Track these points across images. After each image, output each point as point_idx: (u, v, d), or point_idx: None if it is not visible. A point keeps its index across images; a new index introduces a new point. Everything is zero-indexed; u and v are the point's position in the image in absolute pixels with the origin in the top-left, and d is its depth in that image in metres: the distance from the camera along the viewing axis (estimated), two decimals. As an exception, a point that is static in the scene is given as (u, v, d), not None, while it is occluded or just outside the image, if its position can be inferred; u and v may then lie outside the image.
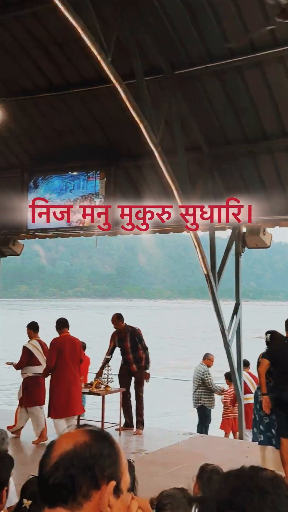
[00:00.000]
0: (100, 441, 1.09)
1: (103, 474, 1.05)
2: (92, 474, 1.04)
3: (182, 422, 11.41)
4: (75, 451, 1.05)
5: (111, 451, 1.09)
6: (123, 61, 6.84)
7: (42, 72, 8.10)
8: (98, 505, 1.04)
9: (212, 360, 8.75)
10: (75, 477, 1.03)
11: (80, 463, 1.04)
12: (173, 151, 7.32)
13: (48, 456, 1.08)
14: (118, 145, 8.62)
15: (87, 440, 1.07)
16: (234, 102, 7.26)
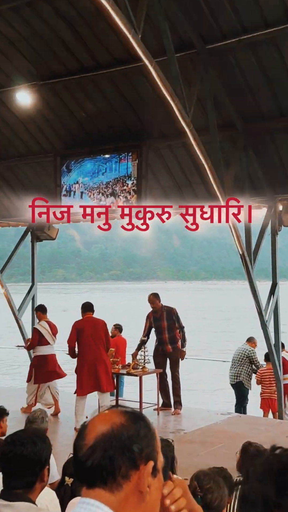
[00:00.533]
0: (137, 421, 1.10)
1: (141, 455, 1.07)
2: (131, 454, 1.06)
3: (219, 402, 11.41)
4: (112, 433, 1.06)
5: (148, 431, 1.10)
6: (153, 38, 6.70)
7: (72, 54, 8.04)
8: (138, 485, 1.06)
9: (255, 344, 8.79)
10: (114, 458, 1.05)
11: (119, 444, 1.06)
12: (206, 129, 7.16)
13: (83, 438, 1.09)
14: (150, 125, 8.51)
15: (124, 421, 1.09)
16: (268, 75, 7.02)
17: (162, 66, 6.21)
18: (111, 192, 8.92)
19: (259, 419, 8.03)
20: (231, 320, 34.07)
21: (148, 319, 8.09)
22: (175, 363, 7.90)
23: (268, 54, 6.80)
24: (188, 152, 8.02)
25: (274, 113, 7.43)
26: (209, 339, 26.01)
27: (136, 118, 8.58)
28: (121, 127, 8.75)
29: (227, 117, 7.68)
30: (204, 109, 7.34)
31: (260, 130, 7.70)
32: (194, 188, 8.86)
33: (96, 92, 8.50)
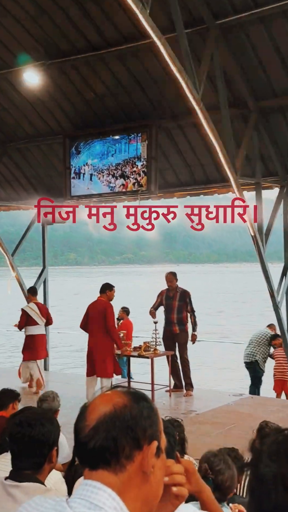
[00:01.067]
0: (139, 401, 1.09)
1: (145, 435, 1.06)
2: (135, 435, 1.04)
3: (231, 383, 11.42)
4: (115, 413, 1.05)
5: (150, 412, 1.09)
6: (162, 13, 6.53)
7: (80, 33, 7.89)
8: (141, 466, 1.04)
9: (275, 331, 8.77)
10: (118, 439, 1.03)
11: (122, 425, 1.04)
12: (216, 107, 7.01)
13: (84, 419, 1.07)
14: (160, 105, 8.37)
15: (126, 401, 1.07)
16: (281, 50, 6.82)
17: (171, 42, 6.07)
18: (121, 174, 8.83)
19: (271, 400, 8.02)
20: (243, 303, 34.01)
21: (160, 296, 8.11)
22: (182, 346, 7.89)
23: (280, 29, 6.60)
24: (198, 131, 7.88)
25: (286, 90, 7.24)
26: (220, 321, 26.01)
27: (146, 98, 8.43)
28: (130, 107, 8.62)
29: (238, 95, 7.52)
30: (214, 86, 7.18)
31: (272, 108, 7.53)
32: (205, 169, 8.74)
33: (105, 71, 8.35)
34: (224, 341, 18.87)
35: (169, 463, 1.14)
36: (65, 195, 9.37)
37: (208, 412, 6.79)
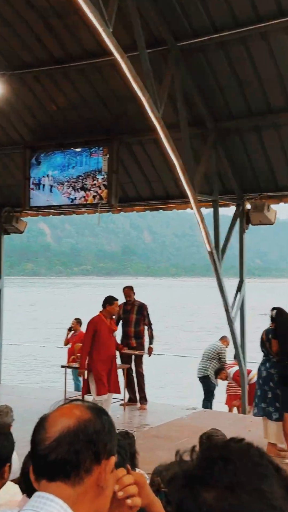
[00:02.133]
0: (102, 416, 1.10)
1: (105, 449, 1.07)
2: (96, 449, 1.06)
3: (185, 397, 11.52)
4: (80, 426, 1.06)
5: (111, 427, 1.11)
6: (125, 32, 6.67)
7: (43, 45, 7.93)
8: (98, 480, 1.06)
9: (228, 343, 8.91)
10: (80, 452, 1.05)
11: (85, 438, 1.05)
12: (176, 126, 7.19)
13: (44, 431, 1.08)
14: (121, 120, 8.49)
15: (90, 415, 1.09)
16: (238, 74, 7.09)
17: (133, 61, 6.20)
18: (82, 186, 8.86)
19: (223, 413, 8.16)
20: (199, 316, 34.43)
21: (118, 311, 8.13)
22: (138, 359, 7.93)
23: (238, 54, 6.87)
24: (158, 148, 8.03)
25: (243, 112, 7.51)
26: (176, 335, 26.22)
27: (107, 112, 8.53)
28: (92, 121, 8.69)
29: (197, 115, 7.73)
30: (174, 106, 7.37)
31: (230, 129, 7.79)
32: (165, 185, 8.90)
33: (67, 84, 8.41)
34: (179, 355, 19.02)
35: (121, 474, 1.16)
36: (24, 206, 9.30)
37: (161, 426, 6.83)
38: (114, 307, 6.83)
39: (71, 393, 8.07)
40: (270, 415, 5.70)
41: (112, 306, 6.82)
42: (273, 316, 5.81)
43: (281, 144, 7.54)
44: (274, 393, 5.69)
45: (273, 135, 7.53)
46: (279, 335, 5.58)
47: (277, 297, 14.11)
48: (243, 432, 6.16)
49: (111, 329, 6.78)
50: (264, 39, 6.58)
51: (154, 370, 16.93)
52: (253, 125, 7.58)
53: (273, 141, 7.57)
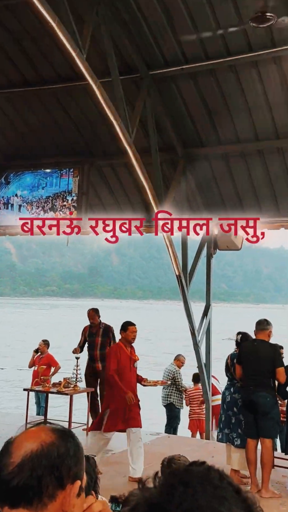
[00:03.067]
0: (67, 440, 1.08)
1: (69, 474, 1.05)
2: (59, 474, 1.03)
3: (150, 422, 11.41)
4: (42, 451, 1.03)
5: (77, 450, 1.08)
6: (98, 59, 6.80)
7: (16, 67, 7.98)
8: (62, 505, 1.03)
9: (183, 362, 8.80)
10: (43, 478, 1.02)
11: (48, 463, 1.02)
12: (147, 151, 7.32)
13: (8, 456, 1.05)
14: (93, 143, 8.57)
15: (54, 439, 1.06)
16: (208, 104, 7.31)
17: (106, 86, 6.32)
18: (51, 207, 8.83)
19: (186, 439, 8.10)
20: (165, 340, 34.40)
21: (84, 333, 8.02)
22: (103, 383, 7.82)
23: (207, 84, 7.10)
24: (129, 171, 8.14)
25: (212, 140, 7.72)
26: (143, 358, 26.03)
27: (79, 135, 8.60)
28: (63, 143, 8.74)
29: (168, 141, 7.89)
30: (146, 131, 7.51)
31: (199, 156, 7.97)
32: (134, 208, 8.98)
33: (39, 106, 8.45)
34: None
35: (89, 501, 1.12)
36: (-9, 225, 9.18)
37: (124, 452, 6.72)
38: (129, 333, 6.14)
39: (33, 418, 7.86)
40: (232, 441, 5.71)
41: (127, 332, 6.14)
42: (238, 341, 5.87)
43: (247, 172, 7.76)
44: (237, 418, 5.70)
45: (240, 163, 7.76)
46: (241, 359, 5.63)
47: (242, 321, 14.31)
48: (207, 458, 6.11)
49: (133, 359, 6.12)
50: (232, 72, 6.84)
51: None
52: (221, 153, 7.80)
53: (241, 169, 7.79)
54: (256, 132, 7.33)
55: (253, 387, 5.45)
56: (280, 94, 6.79)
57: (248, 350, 5.65)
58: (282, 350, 6.36)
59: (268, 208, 7.92)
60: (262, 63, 6.59)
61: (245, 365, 5.59)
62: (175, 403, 8.57)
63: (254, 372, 5.48)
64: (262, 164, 7.60)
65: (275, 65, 6.54)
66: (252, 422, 5.46)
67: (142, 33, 6.75)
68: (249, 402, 5.48)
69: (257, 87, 6.82)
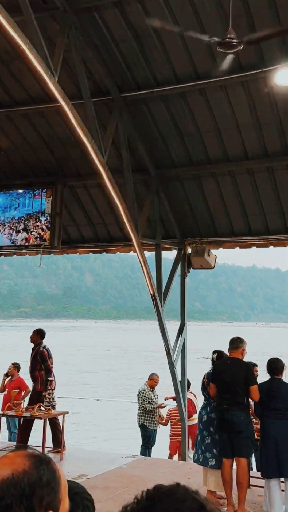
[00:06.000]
0: (41, 467, 1.04)
1: (41, 504, 1.01)
2: (30, 503, 1.00)
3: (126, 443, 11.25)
4: (12, 479, 1.00)
5: (51, 478, 1.04)
6: (70, 81, 6.88)
7: (-12, 88, 7.98)
8: None
9: (156, 381, 8.64)
10: (11, 507, 0.99)
11: (17, 492, 0.99)
12: (120, 171, 7.38)
13: None
14: (65, 163, 8.59)
15: (27, 466, 1.03)
16: (179, 126, 7.45)
17: (78, 108, 6.37)
18: (24, 227, 8.77)
19: (163, 461, 7.99)
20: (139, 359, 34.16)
21: None
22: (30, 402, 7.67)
23: (178, 107, 7.24)
24: (102, 192, 8.18)
25: (184, 161, 7.85)
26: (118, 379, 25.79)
27: (51, 155, 8.62)
28: (36, 163, 8.74)
29: (140, 161, 7.98)
30: (119, 152, 7.58)
31: (171, 176, 8.08)
32: (108, 228, 9.00)
33: (11, 127, 8.45)
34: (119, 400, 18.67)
35: None
36: None
37: (99, 476, 6.60)
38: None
39: (4, 444, 7.65)
40: (206, 462, 5.66)
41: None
42: (214, 359, 5.88)
43: (219, 192, 7.90)
44: (213, 438, 5.67)
45: (212, 183, 7.90)
46: (215, 378, 5.63)
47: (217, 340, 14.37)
48: (183, 480, 6.05)
49: None
50: (202, 95, 7.01)
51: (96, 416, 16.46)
52: (193, 173, 7.92)
53: (212, 189, 7.93)
54: (226, 153, 7.49)
55: (227, 405, 5.44)
56: (248, 116, 6.97)
57: (221, 369, 5.67)
58: (256, 368, 6.40)
59: (239, 227, 8.07)
60: (230, 86, 6.78)
61: (218, 384, 5.59)
62: (145, 424, 8.40)
63: (227, 390, 5.48)
64: (233, 184, 7.76)
65: (243, 88, 6.74)
66: (227, 441, 5.44)
67: (113, 57, 6.87)
68: (223, 421, 5.47)
69: (226, 110, 7.00)
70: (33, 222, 8.71)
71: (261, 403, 5.43)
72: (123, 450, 8.93)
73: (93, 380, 25.08)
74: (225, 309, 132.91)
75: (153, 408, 8.39)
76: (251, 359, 6.02)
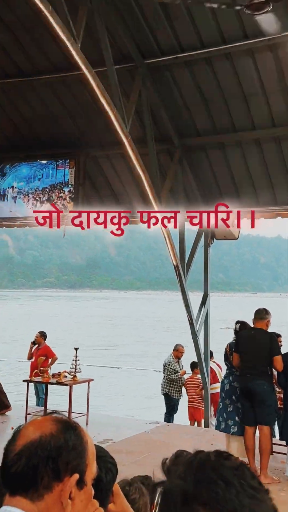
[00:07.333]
0: (67, 432, 1.07)
1: (67, 467, 1.04)
2: (55, 466, 1.03)
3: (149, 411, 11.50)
4: (40, 442, 1.04)
5: (77, 443, 1.07)
6: (93, 48, 6.74)
7: (11, 58, 7.91)
8: (59, 497, 1.03)
9: (181, 352, 8.79)
10: (38, 468, 1.02)
11: (43, 454, 1.03)
12: (143, 141, 7.29)
13: (13, 443, 1.07)
14: (88, 134, 8.52)
15: (54, 430, 1.06)
16: (203, 93, 7.27)
17: (101, 76, 6.27)
18: (47, 198, 8.81)
19: (186, 427, 8.17)
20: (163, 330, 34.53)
21: None
22: None
23: (203, 73, 7.05)
24: (125, 162, 8.10)
25: (208, 130, 7.69)
26: (140, 348, 26.19)
27: (74, 126, 8.56)
28: (59, 134, 8.69)
29: (164, 131, 7.86)
30: (142, 121, 7.47)
31: (195, 146, 7.95)
32: (131, 199, 8.95)
33: (34, 97, 8.39)
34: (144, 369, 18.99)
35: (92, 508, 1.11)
36: (-13, 216, 9.16)
37: (124, 440, 6.79)
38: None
39: (33, 408, 7.91)
40: (228, 429, 5.75)
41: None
42: (237, 330, 5.90)
43: (244, 161, 7.74)
44: (235, 406, 5.75)
45: (237, 152, 7.74)
46: (241, 348, 5.66)
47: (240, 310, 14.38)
48: (206, 446, 6.19)
49: None
50: (228, 60, 6.80)
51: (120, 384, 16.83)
52: (217, 142, 7.77)
53: (237, 159, 7.77)
54: (252, 121, 7.30)
55: (250, 375, 5.49)
56: (275, 82, 6.75)
57: (245, 339, 5.69)
58: (280, 339, 6.40)
59: (265, 197, 7.92)
60: (257, 50, 6.55)
61: (242, 354, 5.63)
62: (170, 393, 8.60)
63: (251, 360, 5.52)
64: (259, 153, 7.59)
65: (271, 52, 6.50)
66: (250, 409, 5.51)
67: (137, 22, 6.69)
68: (246, 390, 5.53)
69: (253, 75, 6.79)
70: (56, 193, 8.74)
71: (285, 373, 5.45)
72: (147, 417, 9.14)
73: (116, 349, 25.54)
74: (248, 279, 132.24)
75: (178, 377, 8.57)
76: (275, 329, 6.01)
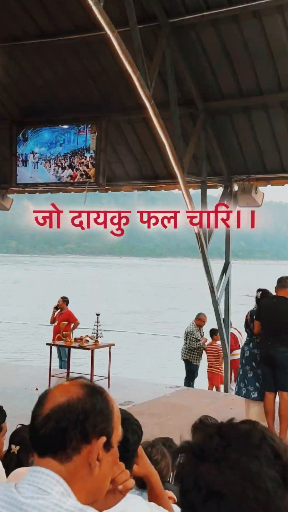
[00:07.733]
0: (94, 396, 1.10)
1: (95, 430, 1.07)
2: (83, 429, 1.06)
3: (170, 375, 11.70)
4: (68, 405, 1.07)
5: (104, 407, 1.10)
6: (116, 7, 6.53)
7: (32, 18, 7.73)
8: (87, 458, 1.07)
9: (203, 320, 8.85)
10: (66, 431, 1.05)
11: (72, 417, 1.06)
12: (166, 105, 7.12)
13: (41, 406, 1.10)
14: (110, 97, 8.37)
15: (81, 394, 1.09)
16: (230, 54, 7.03)
17: (124, 37, 6.10)
18: (69, 164, 8.76)
19: (205, 392, 8.30)
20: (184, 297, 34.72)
21: None
22: None
23: (230, 33, 6.79)
24: (148, 127, 7.97)
25: (234, 93, 7.47)
26: (161, 315, 26.43)
27: (96, 89, 8.40)
28: (81, 98, 8.56)
29: (187, 94, 7.66)
30: (165, 84, 7.28)
31: (220, 110, 7.74)
32: (153, 165, 8.85)
33: (55, 59, 8.24)
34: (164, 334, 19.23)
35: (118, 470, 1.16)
36: (11, 182, 9.19)
37: (145, 403, 6.94)
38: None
39: (55, 371, 8.13)
40: (249, 395, 5.83)
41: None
42: (258, 298, 5.89)
43: (270, 126, 7.53)
44: (255, 372, 5.80)
45: (263, 116, 7.52)
46: (260, 315, 5.67)
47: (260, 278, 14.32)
48: (225, 410, 6.29)
49: None
50: (256, 17, 6.52)
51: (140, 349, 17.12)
52: (243, 106, 7.55)
53: (263, 123, 7.56)
54: (279, 83, 7.05)
55: (271, 342, 5.52)
56: (306, 42, 6.47)
57: (267, 307, 5.68)
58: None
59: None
60: (287, 8, 6.25)
61: (263, 321, 5.64)
62: (190, 359, 8.73)
63: (272, 328, 5.54)
64: (285, 117, 7.36)
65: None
66: (270, 376, 5.57)
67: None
68: (267, 357, 5.57)
69: (282, 34, 6.51)
70: (78, 158, 8.67)
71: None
72: (167, 381, 9.31)
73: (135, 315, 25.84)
74: (270, 247, 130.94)
75: (199, 345, 8.68)
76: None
